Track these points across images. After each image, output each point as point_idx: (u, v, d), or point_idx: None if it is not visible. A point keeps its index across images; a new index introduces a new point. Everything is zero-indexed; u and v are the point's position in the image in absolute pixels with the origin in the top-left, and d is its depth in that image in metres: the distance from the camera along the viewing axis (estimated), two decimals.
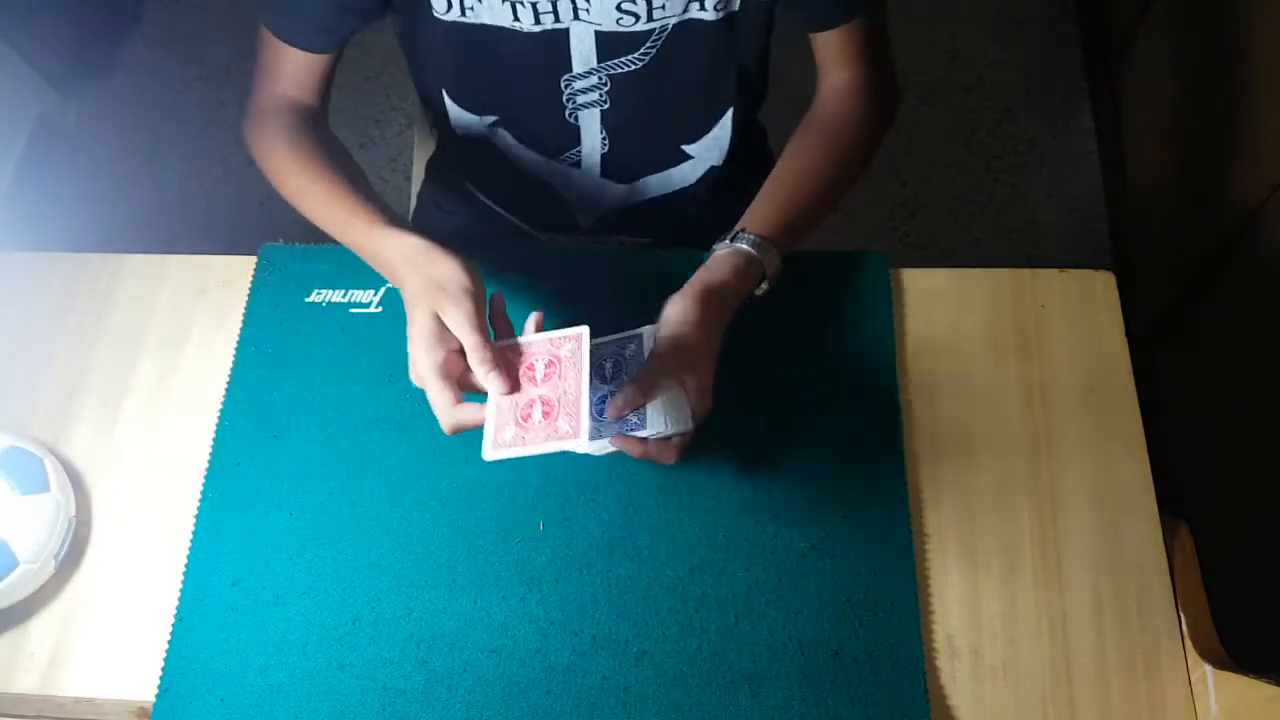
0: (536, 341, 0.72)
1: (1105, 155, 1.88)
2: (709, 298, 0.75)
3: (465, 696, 0.76)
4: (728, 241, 0.80)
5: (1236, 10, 1.36)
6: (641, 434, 0.71)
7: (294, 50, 0.86)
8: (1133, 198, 1.73)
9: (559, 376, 0.70)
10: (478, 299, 0.70)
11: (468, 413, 0.69)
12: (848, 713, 0.75)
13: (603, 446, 0.74)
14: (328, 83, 0.90)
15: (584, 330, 0.71)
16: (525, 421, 0.68)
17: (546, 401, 0.69)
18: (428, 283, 0.71)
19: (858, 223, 1.86)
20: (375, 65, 2.07)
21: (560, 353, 0.71)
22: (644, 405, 0.71)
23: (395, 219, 0.79)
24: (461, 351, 0.70)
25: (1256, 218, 1.28)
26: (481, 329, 0.69)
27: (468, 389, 0.71)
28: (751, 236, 0.79)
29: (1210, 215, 1.41)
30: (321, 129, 0.89)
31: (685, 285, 0.76)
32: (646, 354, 0.73)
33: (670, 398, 0.72)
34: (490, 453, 0.68)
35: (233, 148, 2.00)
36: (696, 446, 0.84)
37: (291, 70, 0.87)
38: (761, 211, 0.82)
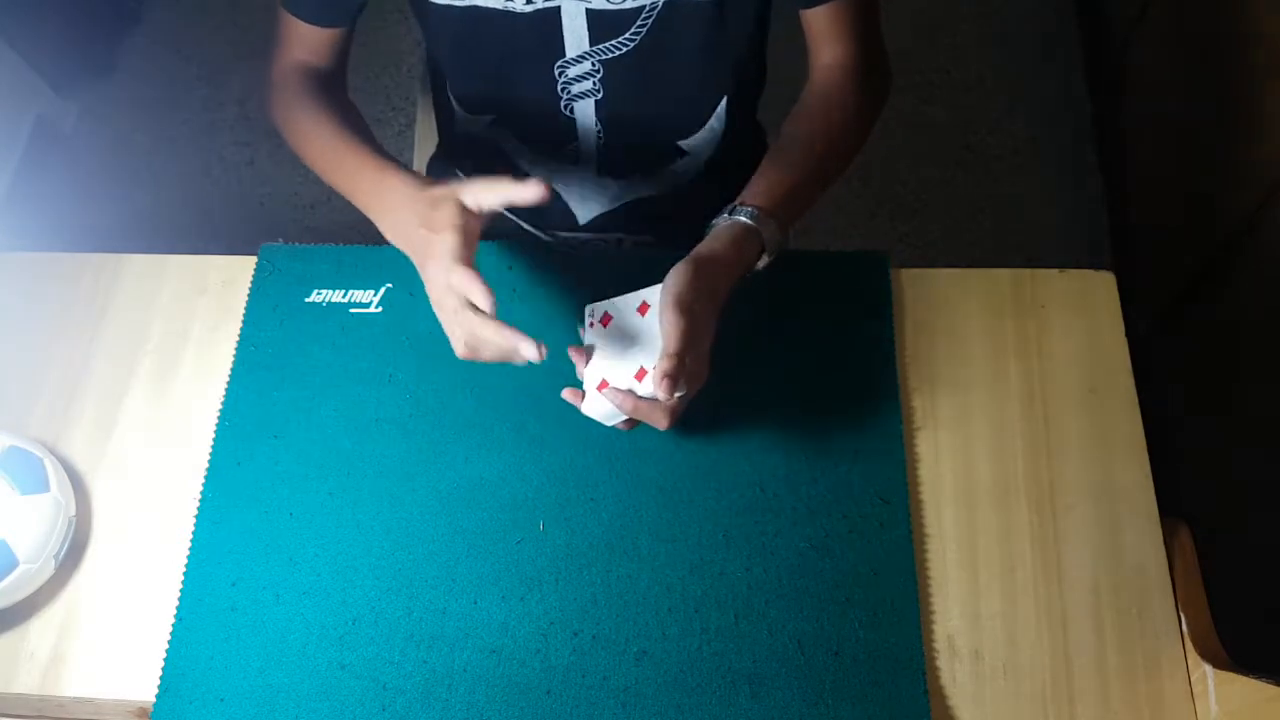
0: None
1: (1105, 155, 1.88)
2: (708, 268, 0.75)
3: (465, 696, 0.76)
4: (725, 215, 0.80)
5: (1236, 10, 1.36)
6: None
7: (306, 25, 0.89)
8: (1133, 198, 1.73)
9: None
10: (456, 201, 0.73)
11: (498, 331, 0.70)
12: (848, 713, 0.75)
13: (611, 414, 0.75)
14: (343, 51, 0.94)
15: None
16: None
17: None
18: (434, 191, 0.73)
19: (858, 223, 1.86)
20: (375, 66, 2.07)
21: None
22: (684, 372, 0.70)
23: (399, 167, 0.80)
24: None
25: (1256, 218, 1.28)
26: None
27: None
28: (749, 208, 0.79)
29: (1210, 215, 1.41)
30: (337, 91, 0.93)
31: (686, 257, 0.76)
32: (658, 314, 0.74)
33: None
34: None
35: (232, 148, 2.00)
36: (696, 446, 0.84)
37: (305, 41, 0.91)
38: (758, 186, 0.82)
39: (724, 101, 0.96)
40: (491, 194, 0.72)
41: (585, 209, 1.07)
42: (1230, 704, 0.73)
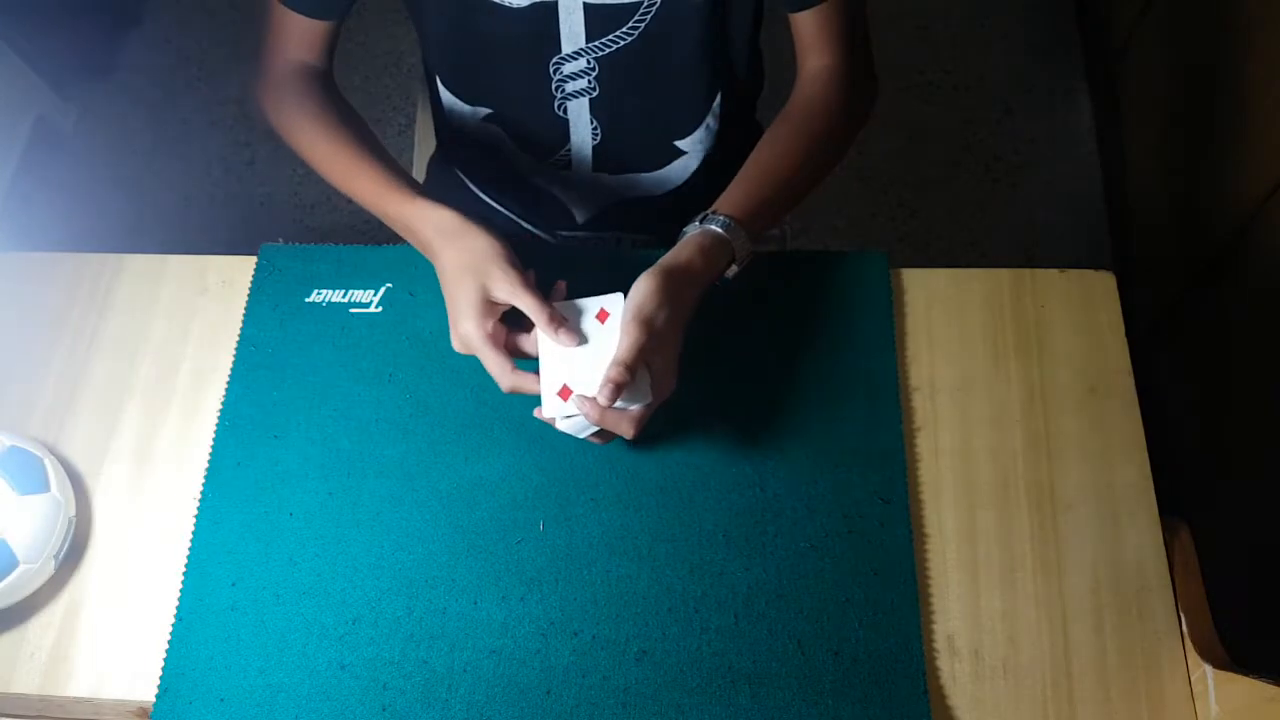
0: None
1: (1105, 155, 1.88)
2: (674, 279, 0.75)
3: (465, 696, 0.76)
4: (697, 223, 0.81)
5: (1236, 10, 1.36)
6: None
7: (300, 17, 0.89)
8: (1133, 198, 1.73)
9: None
10: (521, 267, 0.76)
11: (526, 379, 0.76)
12: (848, 713, 0.75)
13: (580, 426, 0.75)
14: (333, 45, 0.95)
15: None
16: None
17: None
18: (469, 256, 0.76)
19: (858, 223, 1.86)
20: (375, 65, 2.07)
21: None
22: (629, 382, 0.71)
23: (420, 189, 0.83)
24: (504, 319, 0.77)
25: (1256, 217, 1.28)
26: (536, 293, 0.75)
27: (514, 354, 0.78)
28: (721, 218, 0.80)
29: (1210, 215, 1.41)
30: (333, 92, 0.93)
31: (652, 266, 0.76)
32: (617, 322, 0.75)
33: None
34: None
35: (233, 148, 2.00)
36: (696, 446, 0.84)
37: (299, 36, 0.91)
38: (733, 195, 0.83)
39: (719, 99, 0.96)
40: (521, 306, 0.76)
41: (583, 208, 1.07)
42: (1230, 704, 0.73)
